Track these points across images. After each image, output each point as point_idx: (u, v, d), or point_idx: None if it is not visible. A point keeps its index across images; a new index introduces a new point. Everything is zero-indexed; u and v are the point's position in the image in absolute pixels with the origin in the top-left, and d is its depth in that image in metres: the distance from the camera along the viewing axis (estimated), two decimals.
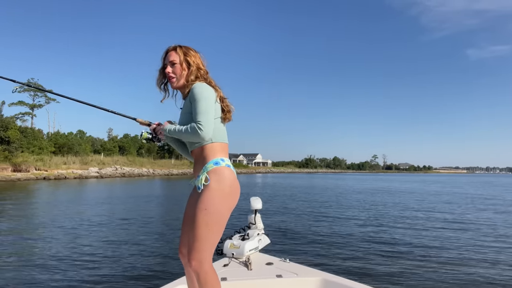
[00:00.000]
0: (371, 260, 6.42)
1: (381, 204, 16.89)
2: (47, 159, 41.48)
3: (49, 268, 5.79)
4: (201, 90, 2.01)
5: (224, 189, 1.96)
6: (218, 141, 2.06)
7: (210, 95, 2.02)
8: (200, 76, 2.13)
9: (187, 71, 2.13)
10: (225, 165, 2.01)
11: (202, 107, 1.96)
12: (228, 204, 1.98)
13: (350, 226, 10.24)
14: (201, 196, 1.95)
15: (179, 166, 67.73)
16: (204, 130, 1.93)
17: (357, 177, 72.46)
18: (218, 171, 1.97)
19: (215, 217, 1.93)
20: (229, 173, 2.01)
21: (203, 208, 1.92)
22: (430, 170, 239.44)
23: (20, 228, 9.45)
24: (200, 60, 2.17)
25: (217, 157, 2.03)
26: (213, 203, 1.92)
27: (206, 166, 2.00)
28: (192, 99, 2.01)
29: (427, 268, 5.97)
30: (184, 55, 2.13)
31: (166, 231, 9.18)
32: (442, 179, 67.83)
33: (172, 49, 2.16)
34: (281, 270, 2.91)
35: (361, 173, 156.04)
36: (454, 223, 11.03)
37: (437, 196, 22.82)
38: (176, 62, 2.12)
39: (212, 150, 2.04)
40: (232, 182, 2.00)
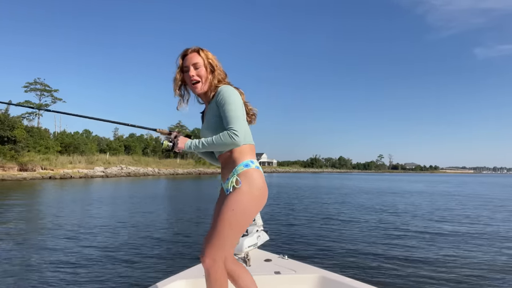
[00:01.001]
0: (369, 258, 6.42)
1: (383, 204, 16.84)
2: (53, 159, 41.77)
3: (54, 265, 5.83)
4: (230, 93, 1.96)
5: (254, 191, 1.94)
6: (247, 143, 2.04)
7: (239, 98, 1.99)
8: (222, 80, 2.09)
9: (212, 74, 2.07)
10: (255, 167, 1.99)
11: (234, 112, 1.92)
12: (256, 206, 1.96)
13: (349, 225, 10.22)
14: (230, 197, 1.94)
15: (184, 165, 67.96)
16: (239, 136, 1.89)
17: (362, 177, 72.28)
18: (248, 173, 1.95)
19: (240, 218, 1.92)
20: (259, 176, 1.99)
21: (231, 208, 1.91)
22: (437, 170, 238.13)
23: (23, 226, 9.52)
24: (219, 64, 2.12)
25: (247, 159, 2.00)
26: (241, 204, 1.91)
27: (236, 169, 1.97)
28: (221, 103, 1.96)
29: (427, 267, 5.93)
30: (207, 58, 2.08)
31: (169, 231, 9.21)
32: (449, 179, 67.41)
33: (193, 51, 2.08)
34: (280, 266, 2.92)
35: (367, 173, 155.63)
36: (455, 223, 10.96)
37: (445, 197, 22.66)
38: (199, 66, 2.06)
39: (241, 152, 2.01)
40: (261, 184, 1.98)
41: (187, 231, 8.87)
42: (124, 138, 71.29)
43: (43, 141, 44.75)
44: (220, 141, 1.92)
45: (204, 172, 66.80)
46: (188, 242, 7.55)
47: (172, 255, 6.53)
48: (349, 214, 12.57)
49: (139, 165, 55.50)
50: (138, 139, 72.46)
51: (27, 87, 57.16)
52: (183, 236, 8.25)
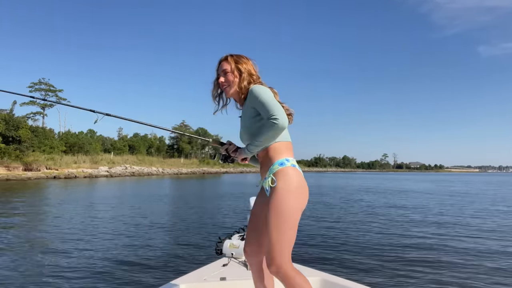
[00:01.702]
0: (371, 261, 6.33)
1: (388, 205, 16.74)
2: (57, 158, 41.97)
3: (58, 267, 5.82)
4: (261, 89, 2.00)
5: (291, 190, 1.92)
6: (282, 140, 2.04)
7: (270, 93, 1.99)
8: (253, 81, 2.13)
9: (238, 78, 2.13)
10: (291, 165, 1.98)
11: (268, 101, 1.93)
12: (297, 205, 1.93)
13: (353, 226, 10.13)
14: (270, 199, 1.93)
15: (188, 165, 68.11)
16: (279, 118, 1.87)
17: (367, 177, 72.07)
18: (283, 172, 1.95)
19: (286, 219, 1.89)
20: (295, 173, 1.97)
21: (274, 212, 1.89)
22: (442, 169, 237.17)
23: (25, 226, 9.53)
24: (252, 67, 2.18)
25: (282, 157, 2.00)
26: (281, 205, 1.89)
27: (271, 168, 1.98)
28: (253, 100, 2.00)
29: (433, 271, 5.85)
30: (235, 63, 2.14)
31: (171, 233, 9.19)
32: (455, 178, 67.04)
33: (223, 59, 2.19)
34: None
35: (371, 172, 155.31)
36: (458, 222, 10.86)
37: (453, 196, 22.52)
38: (228, 71, 2.14)
39: (276, 150, 2.02)
40: (299, 182, 1.96)
41: (189, 234, 8.82)
42: (129, 138, 71.54)
43: (48, 141, 44.95)
44: (266, 133, 1.92)
45: (208, 171, 66.91)
46: (188, 247, 7.49)
47: (173, 258, 6.46)
48: (352, 215, 12.49)
49: (143, 164, 55.66)
50: (142, 138, 72.67)
51: (32, 87, 57.49)
52: (184, 239, 8.21)
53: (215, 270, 2.94)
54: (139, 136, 73.13)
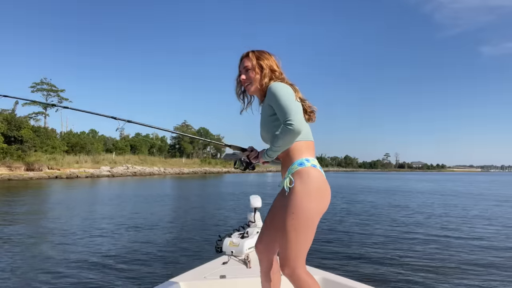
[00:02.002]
0: (372, 260, 6.32)
1: (389, 204, 16.73)
2: (59, 158, 42.01)
3: (58, 266, 5.82)
4: (278, 87, 1.93)
5: (310, 191, 1.86)
6: (303, 140, 1.97)
7: (290, 92, 1.92)
8: (275, 78, 2.07)
9: (260, 74, 2.07)
10: (311, 165, 1.91)
11: (284, 103, 1.86)
12: (316, 206, 1.87)
13: (352, 225, 10.12)
14: (288, 200, 1.88)
15: (190, 165, 68.13)
16: (294, 123, 1.80)
17: (368, 176, 72.00)
18: (302, 172, 1.88)
19: (303, 221, 1.84)
20: (315, 174, 1.90)
21: (291, 213, 1.84)
22: (444, 169, 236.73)
23: (27, 226, 9.55)
24: (274, 62, 2.11)
25: (302, 157, 1.94)
26: (299, 206, 1.83)
27: (290, 168, 1.93)
28: (271, 99, 1.94)
29: (433, 271, 5.83)
30: (257, 59, 2.09)
31: (173, 228, 9.20)
32: (458, 178, 66.83)
33: (245, 56, 2.14)
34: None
35: (373, 171, 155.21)
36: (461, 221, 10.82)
37: (457, 196, 22.46)
38: (249, 68, 2.09)
39: (296, 150, 1.95)
40: (319, 183, 1.90)
41: (189, 232, 8.83)
42: (130, 138, 71.60)
43: (50, 141, 45.03)
44: (282, 139, 1.85)
45: (210, 171, 66.93)
46: (188, 245, 7.49)
47: (173, 256, 6.47)
48: (352, 214, 12.49)
49: (145, 164, 55.66)
50: (144, 138, 72.72)
51: (34, 87, 57.62)
52: (184, 237, 8.21)
53: (215, 268, 2.95)
54: (140, 136, 73.20)
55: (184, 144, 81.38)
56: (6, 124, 37.43)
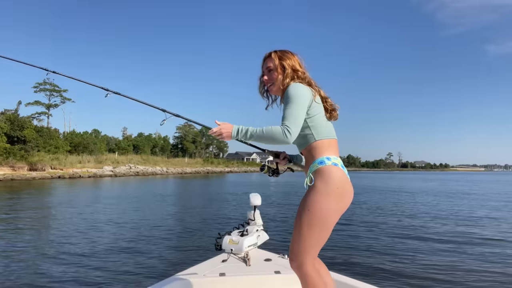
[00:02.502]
0: (370, 257, 6.31)
1: (389, 203, 16.68)
2: (62, 158, 42.11)
3: (61, 264, 5.83)
4: (295, 91, 1.92)
5: (330, 189, 1.84)
6: (325, 138, 1.97)
7: (304, 96, 1.93)
8: (297, 78, 2.06)
9: (282, 75, 2.07)
10: (331, 164, 1.89)
11: (291, 110, 1.87)
12: (335, 206, 1.85)
13: (352, 223, 10.08)
14: (306, 197, 1.88)
15: (193, 164, 68.17)
16: (291, 134, 1.81)
17: (371, 176, 71.80)
18: (323, 170, 1.87)
19: (318, 218, 1.83)
20: (336, 172, 1.88)
21: (306, 209, 1.84)
22: (447, 168, 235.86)
23: (31, 223, 9.56)
24: (297, 62, 2.11)
25: (323, 155, 1.92)
26: (316, 204, 1.83)
27: (311, 166, 1.93)
28: (285, 101, 1.94)
29: (444, 274, 5.78)
30: (279, 59, 2.09)
31: (173, 227, 9.21)
32: (462, 177, 66.49)
33: (267, 56, 2.15)
34: (280, 266, 2.90)
35: (376, 171, 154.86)
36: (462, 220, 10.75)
37: (463, 196, 22.35)
38: (272, 68, 2.10)
39: (317, 148, 1.95)
40: (340, 182, 1.87)
41: (189, 230, 8.85)
42: (133, 137, 71.74)
43: (53, 141, 45.17)
44: (270, 132, 1.83)
45: (212, 171, 66.95)
46: (188, 243, 7.48)
47: (173, 254, 6.50)
48: (352, 213, 12.43)
49: (147, 164, 55.73)
50: (147, 138, 72.88)
51: (37, 88, 57.75)
52: (184, 235, 8.23)
53: (214, 265, 2.94)
54: (143, 136, 73.33)
55: (187, 144, 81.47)
56: (9, 124, 37.56)
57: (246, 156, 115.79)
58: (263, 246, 3.36)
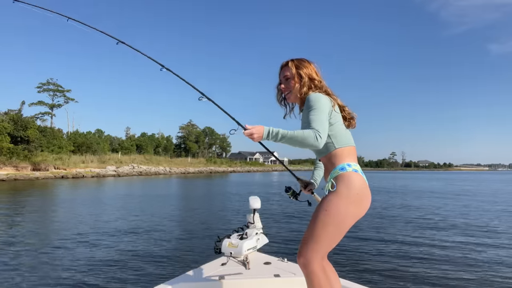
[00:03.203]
0: (370, 261, 6.22)
1: (389, 204, 16.58)
2: (65, 158, 42.27)
3: (60, 263, 5.82)
4: (316, 99, 1.97)
5: (350, 195, 1.89)
6: (344, 146, 2.03)
7: (325, 104, 1.97)
8: (314, 87, 2.10)
9: (299, 83, 2.12)
10: (352, 170, 1.95)
11: (317, 115, 1.90)
12: (353, 210, 1.90)
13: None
14: (325, 199, 1.94)
15: (195, 164, 68.25)
16: (322, 138, 1.84)
17: (374, 175, 71.54)
18: (344, 176, 1.92)
19: (334, 220, 1.88)
20: (357, 179, 1.94)
21: (324, 209, 1.90)
22: (451, 168, 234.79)
23: (33, 222, 9.57)
24: (314, 70, 2.15)
25: (344, 162, 1.98)
26: (334, 206, 1.88)
27: (332, 172, 1.98)
28: (306, 109, 1.98)
29: (435, 272, 5.72)
30: (296, 68, 2.13)
31: (172, 229, 9.19)
32: (467, 177, 66.13)
33: (284, 64, 2.19)
34: (279, 269, 2.89)
35: (379, 170, 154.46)
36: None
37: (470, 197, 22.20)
38: (289, 77, 2.15)
39: (338, 155, 2.01)
40: (359, 188, 1.93)
41: (189, 233, 8.80)
42: (136, 137, 71.91)
43: (56, 141, 45.36)
44: (301, 135, 1.84)
45: (215, 170, 67.01)
46: (187, 245, 7.44)
47: (172, 257, 6.44)
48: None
49: (150, 164, 55.84)
50: (150, 138, 73.03)
51: (40, 88, 57.98)
52: (184, 238, 8.19)
53: (214, 269, 2.93)
54: (146, 136, 73.47)
55: (190, 143, 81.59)
56: (12, 124, 37.72)
57: (249, 156, 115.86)
58: (263, 249, 3.36)
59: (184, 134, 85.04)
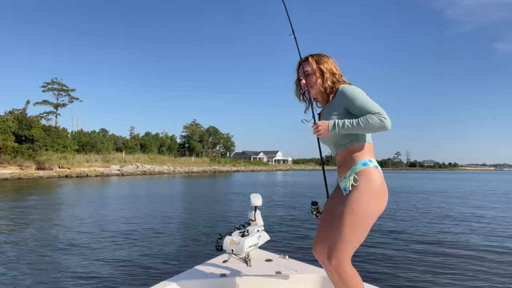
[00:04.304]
0: (371, 258, 6.18)
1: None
2: (70, 157, 42.42)
3: (61, 262, 5.81)
4: (353, 89, 2.00)
5: (373, 191, 1.91)
6: (366, 141, 2.04)
7: (362, 91, 2.01)
8: (336, 81, 2.12)
9: (321, 78, 2.13)
10: (373, 166, 1.97)
11: (368, 101, 1.94)
12: (377, 206, 1.93)
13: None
14: (349, 196, 1.93)
15: (199, 163, 68.33)
16: (388, 119, 1.88)
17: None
18: (367, 172, 1.94)
19: (361, 218, 1.89)
20: (378, 175, 1.96)
21: (351, 208, 1.89)
22: (456, 167, 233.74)
23: (36, 221, 9.57)
24: (334, 65, 2.17)
25: (365, 157, 1.99)
26: (361, 204, 1.89)
27: (354, 167, 1.97)
28: (348, 101, 1.99)
29: (436, 271, 5.63)
30: (317, 64, 2.14)
31: (174, 227, 9.18)
32: (472, 177, 65.78)
33: (304, 60, 2.20)
34: (281, 266, 2.90)
35: (384, 170, 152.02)
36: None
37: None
38: (310, 72, 2.15)
39: (359, 150, 2.01)
40: (381, 184, 1.95)
41: (190, 231, 8.81)
42: (140, 137, 72.09)
43: (61, 140, 45.53)
44: (367, 122, 1.88)
45: (219, 170, 67.04)
46: (189, 243, 7.43)
47: (174, 255, 6.44)
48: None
49: (154, 163, 55.94)
50: (154, 137, 73.19)
51: (45, 87, 58.26)
52: (185, 236, 8.20)
53: (215, 266, 2.94)
54: (150, 135, 73.64)
55: (194, 143, 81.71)
56: (17, 124, 37.91)
57: (253, 155, 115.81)
58: (264, 246, 3.34)
59: (188, 134, 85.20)
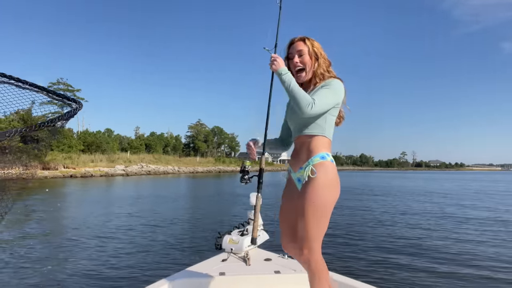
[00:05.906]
0: (370, 258, 6.16)
1: (386, 202, 16.42)
2: (75, 157, 42.59)
3: (62, 261, 5.78)
4: (337, 85, 2.04)
5: (330, 183, 1.99)
6: (328, 137, 2.08)
7: (340, 95, 2.05)
8: (327, 68, 2.12)
9: (317, 62, 2.11)
10: (330, 160, 2.04)
11: (327, 97, 1.98)
12: (333, 197, 2.01)
13: (351, 224, 9.87)
14: (308, 190, 1.98)
15: (204, 163, 68.40)
16: (313, 111, 1.91)
17: (384, 175, 71.14)
18: (324, 165, 2.00)
19: (322, 209, 1.96)
20: (333, 168, 2.04)
21: (312, 202, 1.95)
22: (463, 168, 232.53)
23: (39, 221, 9.55)
24: (324, 52, 2.16)
25: (324, 151, 2.05)
26: (319, 196, 1.95)
27: (312, 159, 2.02)
28: (323, 87, 2.03)
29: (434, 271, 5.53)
30: (313, 46, 2.12)
31: (174, 226, 9.22)
32: (480, 177, 65.36)
33: (299, 40, 2.14)
34: (279, 266, 2.92)
35: (389, 170, 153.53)
36: None
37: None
38: (304, 52, 2.10)
39: (321, 143, 2.06)
40: (336, 175, 2.04)
41: (190, 229, 8.91)
42: (145, 137, 72.28)
43: (66, 140, 45.68)
44: (299, 94, 1.91)
45: (224, 170, 67.04)
46: (188, 242, 7.46)
47: (173, 253, 6.46)
48: (354, 212, 12.26)
49: (159, 163, 56.03)
50: (159, 137, 73.36)
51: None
52: (185, 234, 8.26)
53: (215, 265, 2.97)
54: (155, 135, 73.80)
55: (199, 143, 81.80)
56: (22, 123, 38.08)
57: (258, 155, 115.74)
58: (263, 245, 3.37)
59: (193, 134, 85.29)
